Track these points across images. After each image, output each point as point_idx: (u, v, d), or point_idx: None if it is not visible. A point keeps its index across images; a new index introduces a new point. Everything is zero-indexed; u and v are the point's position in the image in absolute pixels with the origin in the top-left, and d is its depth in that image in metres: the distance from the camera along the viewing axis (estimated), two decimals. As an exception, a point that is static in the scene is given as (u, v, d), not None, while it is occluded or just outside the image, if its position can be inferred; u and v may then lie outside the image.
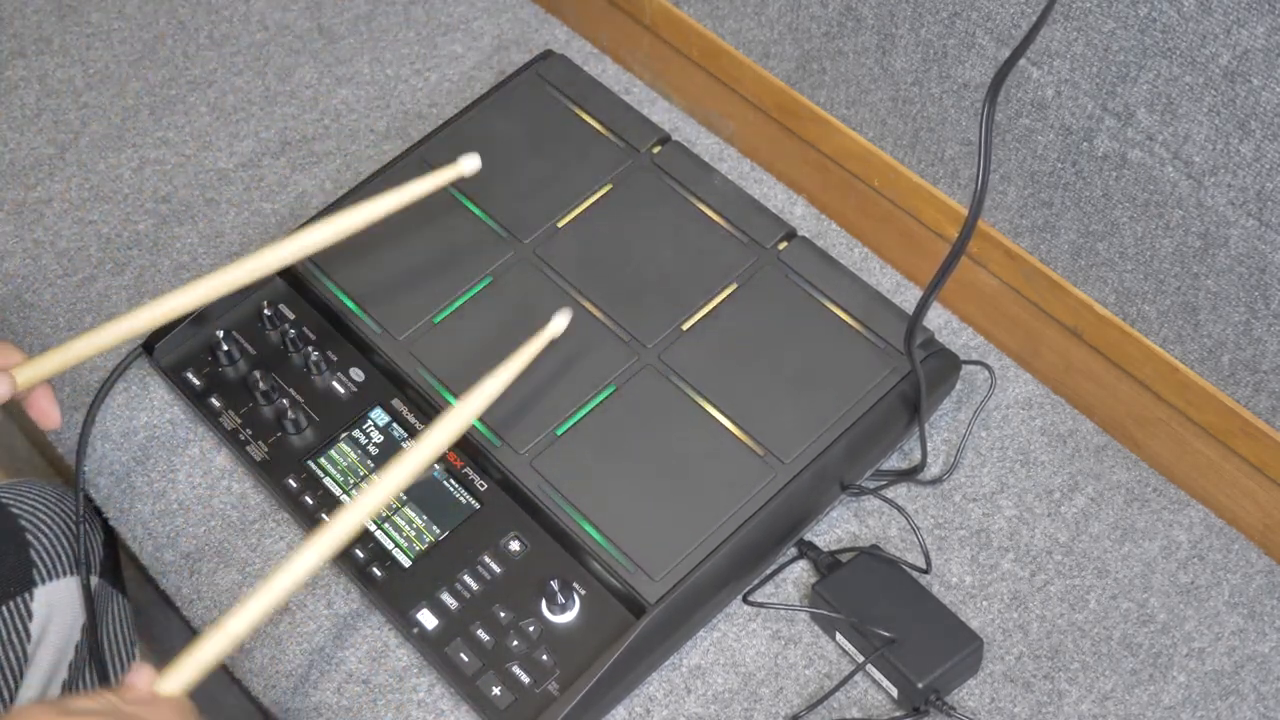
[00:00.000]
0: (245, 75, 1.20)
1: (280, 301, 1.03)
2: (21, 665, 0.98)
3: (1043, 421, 1.01)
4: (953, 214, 1.03)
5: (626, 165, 1.06)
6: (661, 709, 0.90)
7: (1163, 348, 0.96)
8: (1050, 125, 0.92)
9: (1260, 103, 0.80)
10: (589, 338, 0.98)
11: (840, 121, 1.07)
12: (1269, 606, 0.93)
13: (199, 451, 1.01)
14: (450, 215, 1.04)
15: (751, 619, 0.93)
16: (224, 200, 1.13)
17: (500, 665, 0.88)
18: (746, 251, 1.01)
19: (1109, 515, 0.97)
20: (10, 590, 0.98)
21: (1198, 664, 0.91)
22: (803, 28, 1.05)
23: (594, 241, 1.02)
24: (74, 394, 1.05)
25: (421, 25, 1.23)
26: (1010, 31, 0.91)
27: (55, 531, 1.02)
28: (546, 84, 1.10)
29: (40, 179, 1.14)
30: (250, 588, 0.85)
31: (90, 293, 1.08)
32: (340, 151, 1.16)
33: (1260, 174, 0.83)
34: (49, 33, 1.23)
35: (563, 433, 0.94)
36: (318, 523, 0.94)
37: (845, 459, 0.94)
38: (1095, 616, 0.93)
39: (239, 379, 1.00)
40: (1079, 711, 0.90)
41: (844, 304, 0.98)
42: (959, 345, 1.05)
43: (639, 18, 1.17)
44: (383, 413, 0.98)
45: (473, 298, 1.00)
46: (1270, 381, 0.90)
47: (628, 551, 0.89)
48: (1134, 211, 0.91)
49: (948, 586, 0.94)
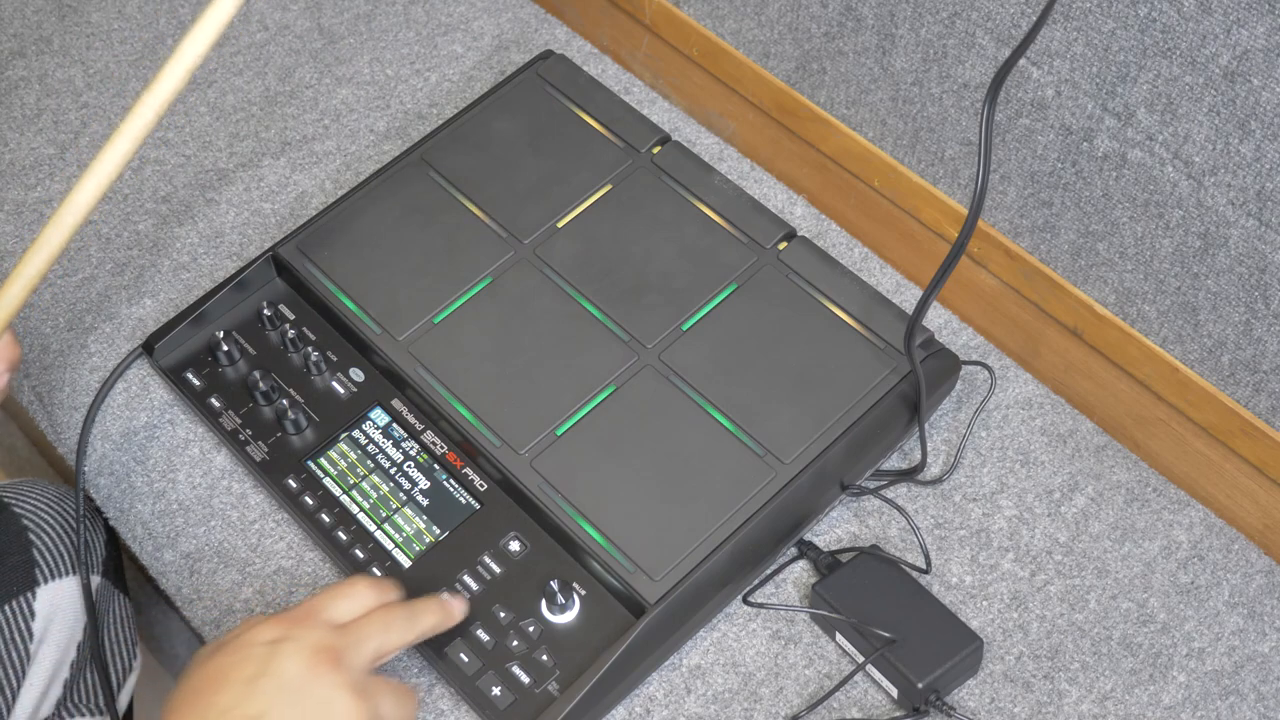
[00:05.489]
0: (245, 75, 1.20)
1: (280, 302, 1.03)
2: (24, 664, 0.99)
3: (1043, 421, 1.01)
4: (953, 214, 1.03)
5: (626, 165, 1.06)
6: (661, 709, 0.90)
7: (1163, 348, 0.96)
8: (1050, 125, 0.92)
9: (1260, 103, 0.80)
10: (589, 338, 0.98)
11: (840, 121, 1.07)
12: (1269, 606, 0.93)
13: (199, 451, 1.01)
14: (450, 215, 1.04)
15: (751, 619, 0.94)
16: (224, 200, 1.13)
17: (500, 665, 0.88)
18: (746, 251, 1.01)
19: (1109, 515, 0.97)
20: (13, 589, 0.98)
21: (1198, 664, 0.91)
22: (803, 28, 1.05)
23: (594, 241, 1.02)
24: (74, 394, 1.05)
25: (421, 25, 1.23)
26: (1010, 31, 0.91)
27: (57, 531, 1.02)
28: (546, 84, 1.10)
29: (40, 179, 1.15)
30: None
31: (90, 293, 1.08)
32: (340, 151, 1.16)
33: (1260, 174, 0.83)
34: (49, 33, 1.23)
35: (563, 433, 0.94)
36: (318, 523, 0.95)
37: (845, 459, 0.94)
38: (1095, 616, 0.93)
39: (239, 379, 1.00)
40: (1079, 711, 0.90)
41: (844, 304, 0.98)
42: (959, 345, 1.05)
43: (639, 18, 1.17)
44: (383, 413, 0.98)
45: (473, 298, 1.00)
46: (1270, 381, 0.90)
47: (628, 551, 0.89)
48: (1134, 211, 0.91)
49: (948, 586, 0.94)
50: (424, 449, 0.97)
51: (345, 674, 0.76)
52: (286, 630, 0.77)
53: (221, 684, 0.75)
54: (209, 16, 0.83)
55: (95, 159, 0.86)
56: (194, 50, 0.84)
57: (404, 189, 1.06)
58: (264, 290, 1.04)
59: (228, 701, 0.74)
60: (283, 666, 0.75)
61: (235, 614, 0.95)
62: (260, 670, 0.75)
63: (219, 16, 0.83)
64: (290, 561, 0.97)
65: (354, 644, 0.78)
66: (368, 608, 0.81)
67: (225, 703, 0.74)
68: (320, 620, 0.79)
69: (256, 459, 0.97)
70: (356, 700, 0.76)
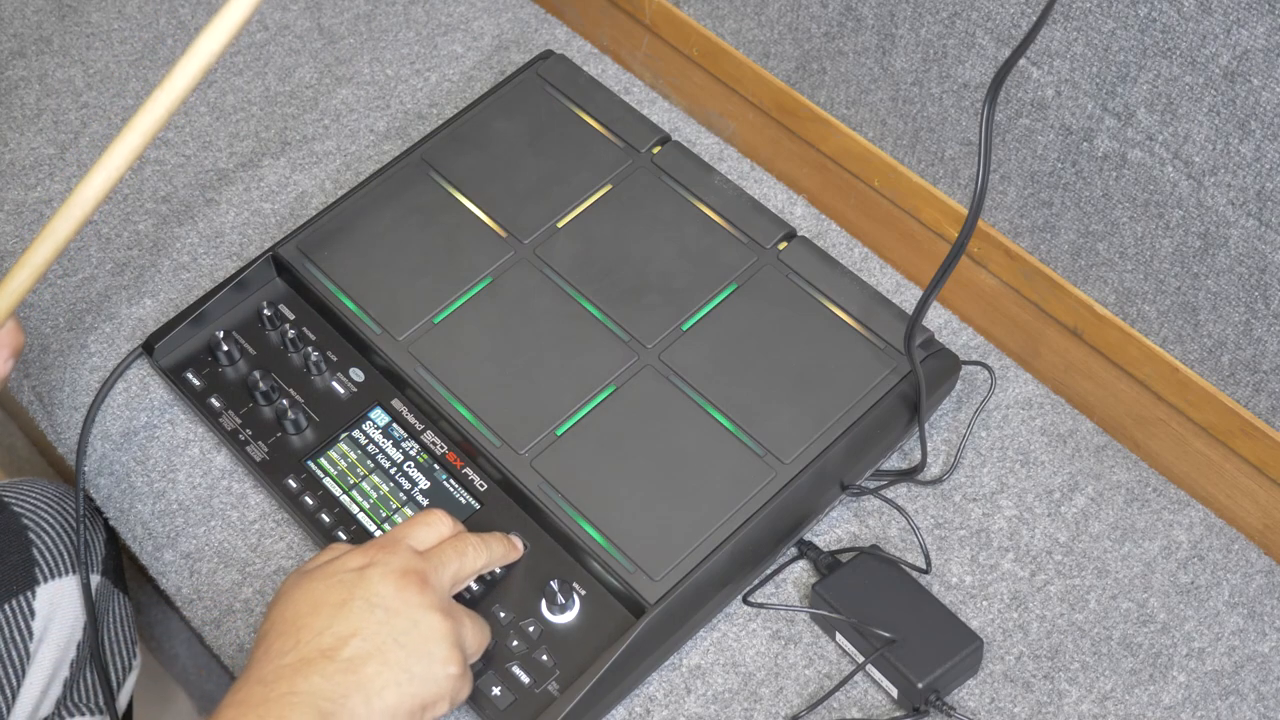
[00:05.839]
0: (245, 75, 1.20)
1: (280, 302, 1.03)
2: (24, 663, 0.99)
3: (1043, 421, 1.01)
4: (953, 214, 1.03)
5: (626, 165, 1.06)
6: (661, 709, 0.90)
7: (1163, 348, 0.96)
8: (1050, 125, 0.92)
9: (1260, 103, 0.80)
10: (589, 338, 0.98)
11: (840, 121, 1.07)
12: (1269, 606, 0.93)
13: (199, 451, 1.01)
14: (450, 215, 1.04)
15: (751, 619, 0.94)
16: (224, 200, 1.13)
17: (500, 665, 0.88)
18: (746, 251, 1.01)
19: (1109, 515, 0.97)
20: (13, 589, 0.98)
21: (1198, 664, 0.91)
22: (803, 28, 1.05)
23: (594, 241, 1.02)
24: (74, 394, 1.05)
25: (421, 25, 1.23)
26: (1010, 31, 0.91)
27: (57, 530, 1.02)
28: (546, 84, 1.10)
29: (40, 179, 1.15)
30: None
31: (90, 293, 1.08)
32: (340, 151, 1.16)
33: (1260, 174, 0.83)
34: (49, 33, 1.23)
35: (563, 433, 0.94)
36: (318, 523, 0.95)
37: (845, 459, 0.94)
38: (1095, 616, 0.93)
39: (239, 379, 1.00)
40: (1079, 711, 0.90)
41: (844, 304, 0.98)
42: (959, 345, 1.05)
43: (639, 18, 1.17)
44: (382, 413, 0.98)
45: (473, 298, 1.00)
46: (1270, 381, 0.90)
47: (627, 551, 0.89)
48: (1134, 211, 0.91)
49: (948, 586, 0.94)
50: (424, 449, 0.97)
51: (432, 594, 0.80)
52: (372, 556, 0.81)
53: (313, 609, 0.78)
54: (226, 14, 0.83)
55: (106, 151, 0.86)
56: (209, 48, 0.84)
57: (404, 189, 1.06)
58: (264, 290, 1.04)
59: (320, 624, 0.78)
60: (372, 589, 0.79)
61: (235, 614, 0.95)
62: (350, 594, 0.79)
63: (235, 15, 0.83)
64: (290, 561, 0.97)
65: (436, 567, 0.82)
66: (444, 536, 0.86)
67: (318, 625, 0.78)
68: (403, 546, 0.83)
69: (256, 459, 0.97)
70: (444, 618, 0.80)
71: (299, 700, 0.75)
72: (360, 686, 0.76)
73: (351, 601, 0.79)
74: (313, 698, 0.75)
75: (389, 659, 0.77)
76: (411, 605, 0.79)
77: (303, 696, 0.75)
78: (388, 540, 0.83)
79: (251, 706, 0.75)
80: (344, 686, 0.76)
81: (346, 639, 0.77)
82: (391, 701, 0.77)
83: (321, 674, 0.76)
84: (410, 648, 0.78)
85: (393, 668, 0.77)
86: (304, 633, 0.77)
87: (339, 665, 0.76)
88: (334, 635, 0.77)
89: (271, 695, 0.75)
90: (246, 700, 0.75)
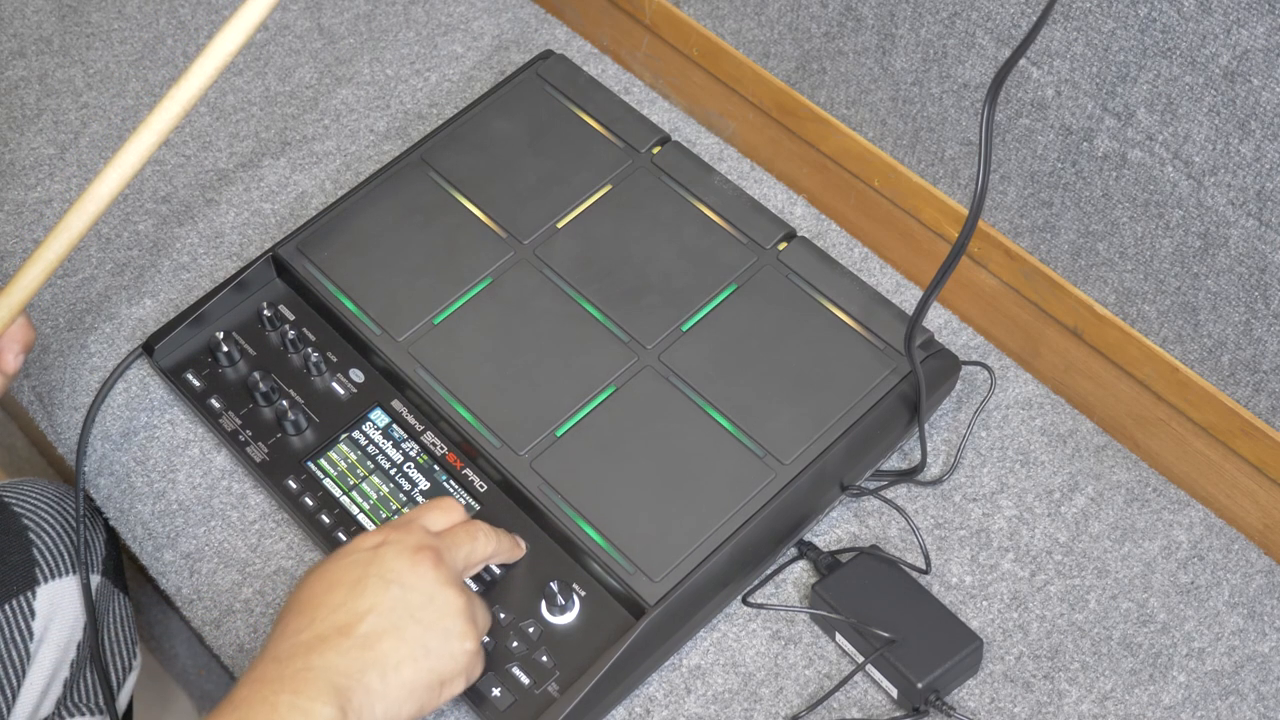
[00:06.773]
0: (245, 75, 1.20)
1: (280, 302, 1.03)
2: (24, 663, 0.99)
3: (1043, 421, 1.01)
4: (953, 214, 1.03)
5: (626, 165, 1.06)
6: (661, 709, 0.90)
7: (1163, 348, 0.96)
8: (1050, 125, 0.92)
9: (1260, 103, 0.80)
10: (589, 338, 0.98)
11: (840, 121, 1.07)
12: (1269, 606, 0.93)
13: (199, 452, 1.01)
14: (450, 215, 1.04)
15: (751, 619, 0.94)
16: (224, 200, 1.13)
17: (500, 666, 0.88)
18: (746, 252, 1.01)
19: (1109, 515, 0.97)
20: (13, 589, 0.98)
21: (1198, 664, 0.91)
22: (803, 28, 1.05)
23: (594, 242, 1.02)
24: (74, 394, 1.05)
25: (421, 25, 1.23)
26: (1010, 31, 0.91)
27: (57, 531, 1.02)
28: (546, 84, 1.10)
29: (40, 179, 1.15)
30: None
31: (90, 293, 1.08)
32: (340, 151, 1.16)
33: (1260, 174, 0.83)
34: (49, 33, 1.23)
35: (562, 433, 0.94)
36: (318, 524, 0.95)
37: (845, 459, 0.94)
38: (1095, 616, 0.93)
39: (239, 380, 1.00)
40: (1079, 711, 0.90)
41: (844, 304, 0.98)
42: (959, 345, 1.05)
43: (639, 18, 1.17)
44: (382, 413, 0.98)
45: (473, 298, 1.00)
46: (1270, 381, 0.90)
47: (627, 552, 0.89)
48: (1134, 211, 0.91)
49: (948, 587, 0.94)
50: (424, 450, 0.97)
51: (446, 570, 0.81)
52: (386, 535, 0.82)
53: (329, 588, 0.79)
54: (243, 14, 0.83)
55: (121, 148, 0.86)
56: (226, 47, 0.84)
57: (404, 189, 1.06)
58: (264, 291, 1.04)
59: (336, 601, 0.78)
60: (387, 565, 0.80)
61: (235, 614, 0.95)
62: (365, 572, 0.79)
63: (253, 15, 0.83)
64: (290, 562, 0.97)
65: (449, 546, 0.83)
66: (455, 522, 0.86)
67: (334, 603, 0.78)
68: (417, 526, 0.83)
69: (256, 460, 0.97)
70: (459, 593, 0.81)
71: (314, 676, 0.75)
72: (376, 662, 0.76)
73: (366, 579, 0.79)
74: (328, 674, 0.75)
75: (405, 634, 0.78)
76: (426, 581, 0.80)
77: (318, 672, 0.75)
78: (401, 521, 0.84)
79: (266, 683, 0.75)
80: (360, 662, 0.76)
81: (362, 615, 0.77)
82: (408, 677, 0.77)
83: (337, 650, 0.76)
84: (426, 623, 0.79)
85: (409, 643, 0.78)
86: (320, 610, 0.78)
87: (355, 641, 0.77)
88: (349, 612, 0.77)
89: (286, 672, 0.75)
90: (262, 677, 0.75)
